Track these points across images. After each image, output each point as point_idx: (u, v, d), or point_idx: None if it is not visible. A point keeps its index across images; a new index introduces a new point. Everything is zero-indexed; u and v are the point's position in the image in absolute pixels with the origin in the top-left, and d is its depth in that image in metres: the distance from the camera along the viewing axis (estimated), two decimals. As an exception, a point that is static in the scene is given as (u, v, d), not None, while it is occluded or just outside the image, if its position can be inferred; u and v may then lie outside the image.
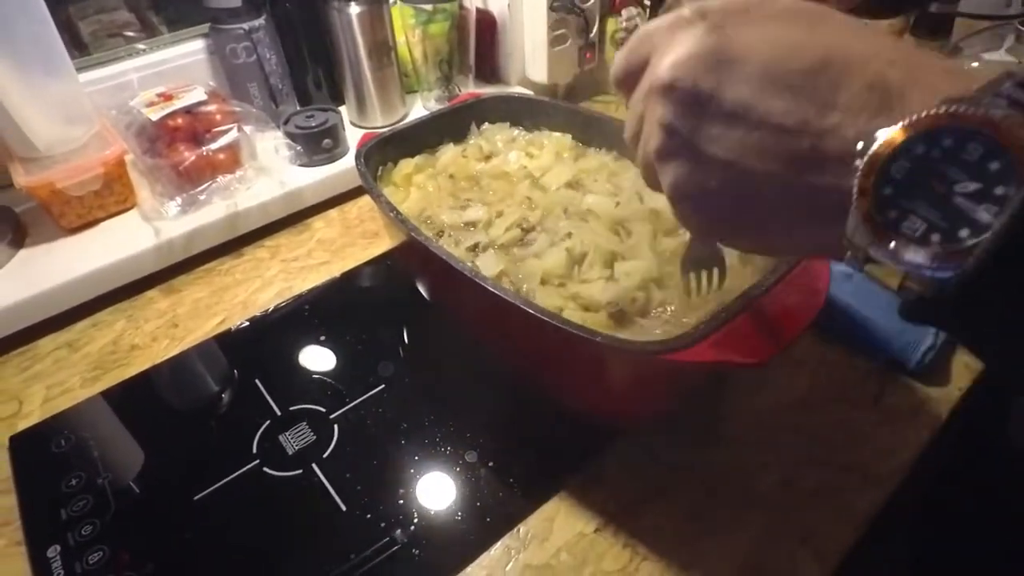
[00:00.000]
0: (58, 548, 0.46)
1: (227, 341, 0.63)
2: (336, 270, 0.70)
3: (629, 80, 0.31)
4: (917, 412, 0.52)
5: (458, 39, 0.89)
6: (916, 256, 0.22)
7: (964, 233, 0.21)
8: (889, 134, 0.22)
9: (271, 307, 0.66)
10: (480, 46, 0.92)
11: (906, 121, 0.22)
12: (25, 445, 0.54)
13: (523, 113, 0.68)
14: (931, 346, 0.54)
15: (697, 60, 0.26)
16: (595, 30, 0.90)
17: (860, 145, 0.23)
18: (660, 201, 0.52)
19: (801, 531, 0.45)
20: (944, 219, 0.21)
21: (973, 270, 0.21)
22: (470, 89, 0.93)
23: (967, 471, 0.64)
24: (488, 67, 0.96)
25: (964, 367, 0.55)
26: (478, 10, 0.90)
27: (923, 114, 0.21)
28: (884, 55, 0.24)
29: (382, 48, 0.81)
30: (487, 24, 0.92)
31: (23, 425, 0.56)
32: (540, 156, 0.63)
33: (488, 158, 0.65)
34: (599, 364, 0.45)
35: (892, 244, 0.22)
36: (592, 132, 0.65)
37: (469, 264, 0.48)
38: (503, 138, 0.67)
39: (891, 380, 0.55)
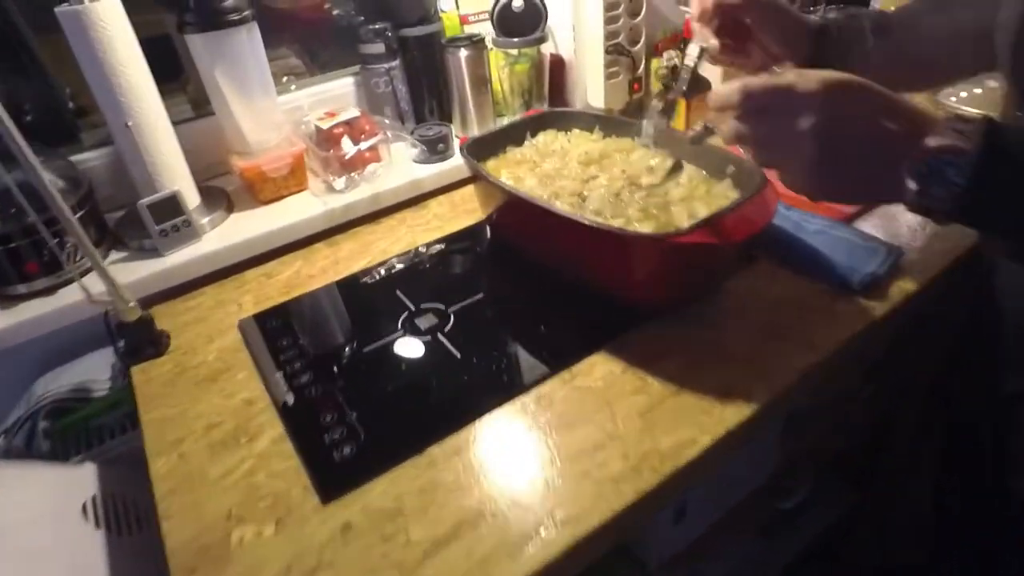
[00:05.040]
0: (280, 374, 0.74)
1: (373, 272, 0.91)
2: (447, 231, 0.98)
3: (730, 108, 0.54)
4: (857, 312, 0.74)
5: (536, 75, 1.17)
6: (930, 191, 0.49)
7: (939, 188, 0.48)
8: (921, 148, 0.48)
9: (401, 253, 0.94)
10: (553, 81, 1.21)
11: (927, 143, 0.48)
12: (248, 326, 0.83)
13: (566, 123, 0.98)
14: (871, 272, 0.76)
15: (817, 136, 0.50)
16: (641, 68, 1.18)
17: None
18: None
19: (760, 374, 0.68)
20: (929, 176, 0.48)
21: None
22: (544, 113, 1.21)
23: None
24: (559, 97, 1.24)
25: (899, 290, 0.77)
26: (552, 54, 1.19)
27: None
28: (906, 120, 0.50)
29: (481, 81, 1.11)
30: (558, 64, 1.20)
31: (245, 315, 0.85)
32: (575, 142, 0.93)
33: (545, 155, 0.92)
34: (630, 255, 0.70)
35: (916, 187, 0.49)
36: (611, 127, 0.94)
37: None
38: (547, 140, 0.95)
39: (842, 296, 0.77)
